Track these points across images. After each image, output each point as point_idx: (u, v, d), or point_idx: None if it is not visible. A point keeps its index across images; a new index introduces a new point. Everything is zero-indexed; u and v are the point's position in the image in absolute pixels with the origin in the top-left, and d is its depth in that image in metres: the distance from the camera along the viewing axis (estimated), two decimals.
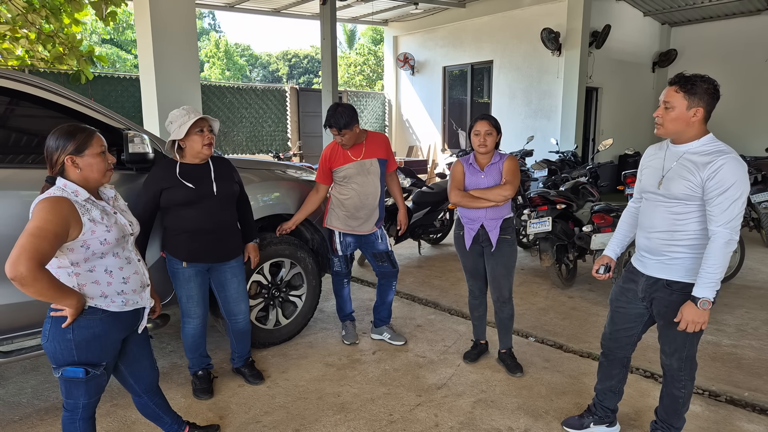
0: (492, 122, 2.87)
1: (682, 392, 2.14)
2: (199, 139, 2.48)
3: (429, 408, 2.67)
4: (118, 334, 1.83)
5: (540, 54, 9.59)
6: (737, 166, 1.80)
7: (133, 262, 1.86)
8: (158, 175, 2.52)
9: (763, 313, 3.99)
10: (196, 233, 2.55)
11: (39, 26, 5.44)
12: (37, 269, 1.53)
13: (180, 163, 2.53)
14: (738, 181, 1.80)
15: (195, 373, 2.82)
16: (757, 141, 9.40)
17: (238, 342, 2.90)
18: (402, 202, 3.54)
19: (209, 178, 2.56)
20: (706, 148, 1.89)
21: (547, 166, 6.77)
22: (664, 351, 2.13)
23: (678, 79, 1.89)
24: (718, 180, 1.81)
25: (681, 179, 1.90)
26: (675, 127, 1.90)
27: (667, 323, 2.06)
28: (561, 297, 4.40)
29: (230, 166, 2.72)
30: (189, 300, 2.65)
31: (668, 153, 2.00)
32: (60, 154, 1.71)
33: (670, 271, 2.00)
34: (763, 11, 9.72)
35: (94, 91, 9.20)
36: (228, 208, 2.64)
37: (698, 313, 1.88)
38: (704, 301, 1.87)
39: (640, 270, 2.13)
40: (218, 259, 2.64)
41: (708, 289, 1.86)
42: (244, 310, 2.80)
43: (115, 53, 24.13)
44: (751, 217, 5.93)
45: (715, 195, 1.82)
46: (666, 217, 1.97)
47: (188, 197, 2.50)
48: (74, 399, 1.80)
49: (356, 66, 22.01)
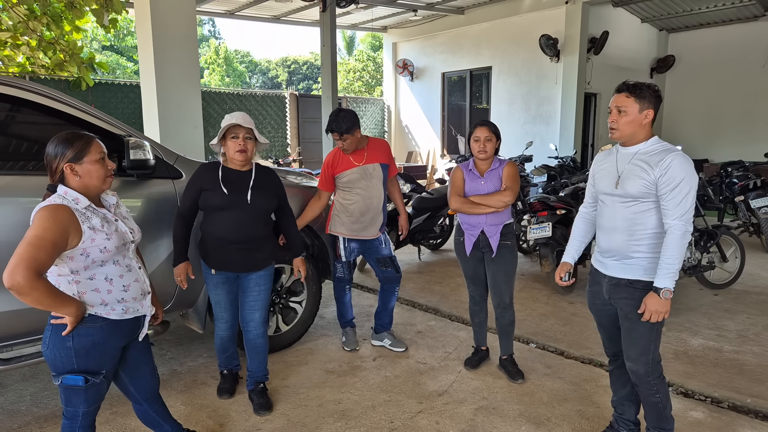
0: (491, 128, 2.88)
1: (658, 396, 2.14)
2: (233, 145, 2.48)
3: (430, 415, 2.66)
4: (118, 342, 1.82)
5: (538, 60, 9.63)
6: (685, 162, 1.95)
7: (133, 270, 1.85)
8: (200, 175, 2.57)
9: (764, 318, 3.98)
10: (224, 241, 2.54)
11: (40, 33, 5.46)
12: (34, 278, 1.52)
13: (223, 166, 2.57)
14: (687, 175, 1.93)
15: (221, 372, 2.90)
16: (755, 146, 9.42)
17: (250, 357, 2.74)
18: (403, 207, 3.56)
19: (247, 186, 2.54)
20: (655, 147, 2.03)
21: (547, 172, 6.78)
22: (630, 356, 2.13)
23: (626, 86, 2.04)
24: (669, 176, 1.93)
25: (636, 178, 2.01)
26: (629, 129, 2.03)
27: (632, 323, 2.09)
28: (561, 303, 4.39)
29: (275, 179, 2.68)
30: (217, 305, 2.71)
31: (619, 156, 2.12)
32: (59, 162, 1.70)
33: (631, 270, 2.07)
34: (760, 17, 9.78)
35: (95, 97, 9.22)
36: (260, 220, 2.59)
37: (661, 303, 1.96)
38: (666, 291, 1.95)
39: (602, 271, 2.19)
40: (245, 270, 2.62)
41: (668, 279, 1.95)
42: (257, 319, 2.69)
43: (115, 60, 24.23)
44: (751, 222, 5.93)
45: (668, 190, 1.94)
46: (626, 217, 2.07)
47: (221, 202, 2.50)
48: (74, 407, 1.79)
49: (355, 72, 22.10)
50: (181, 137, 5.13)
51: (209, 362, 3.28)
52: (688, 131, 10.83)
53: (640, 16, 10.29)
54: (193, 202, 2.56)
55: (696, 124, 10.90)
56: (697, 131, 10.81)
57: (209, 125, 10.48)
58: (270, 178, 2.66)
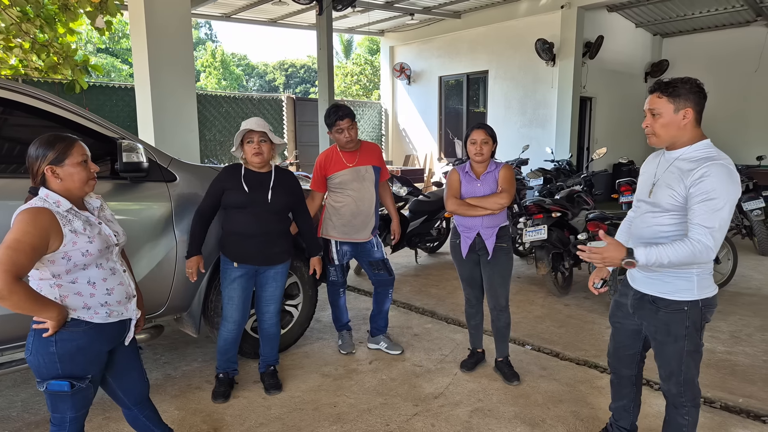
0: (488, 131, 2.89)
1: (686, 419, 1.98)
2: (249, 149, 2.67)
3: (426, 418, 2.65)
4: (103, 346, 1.79)
5: (535, 64, 9.67)
6: (725, 174, 1.67)
7: (117, 273, 1.82)
8: (223, 176, 2.73)
9: (756, 319, 4.00)
10: (244, 236, 2.70)
11: (33, 36, 5.44)
12: (12, 282, 1.50)
13: (245, 168, 2.73)
14: (725, 189, 1.66)
15: (217, 375, 2.91)
16: (748, 149, 9.48)
17: (263, 343, 2.98)
18: (395, 212, 3.56)
19: (267, 186, 2.71)
20: (697, 154, 1.77)
21: (543, 175, 6.80)
22: (661, 375, 2.01)
23: (658, 86, 1.81)
24: (701, 187, 1.68)
25: (666, 188, 1.80)
26: (667, 133, 1.80)
27: (658, 344, 1.96)
28: (557, 305, 4.40)
29: (293, 180, 2.87)
30: (229, 301, 2.77)
31: (662, 159, 1.90)
32: (40, 163, 1.68)
33: (653, 285, 1.90)
34: (752, 22, 9.86)
35: (89, 100, 9.18)
36: (279, 217, 2.78)
37: (615, 254, 1.73)
38: (632, 259, 1.72)
39: (630, 283, 2.04)
40: (265, 262, 2.78)
41: (644, 256, 1.71)
42: (272, 311, 2.91)
43: (110, 63, 24.17)
44: (743, 225, 5.97)
45: (697, 201, 1.69)
46: (652, 228, 1.87)
47: (242, 201, 2.67)
48: (61, 413, 1.75)
49: (353, 76, 22.12)
50: (177, 140, 5.12)
51: (204, 366, 3.26)
52: None
53: (635, 21, 10.36)
54: (213, 200, 2.72)
55: None
56: None
57: (205, 128, 10.46)
58: (289, 180, 2.84)
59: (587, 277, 4.97)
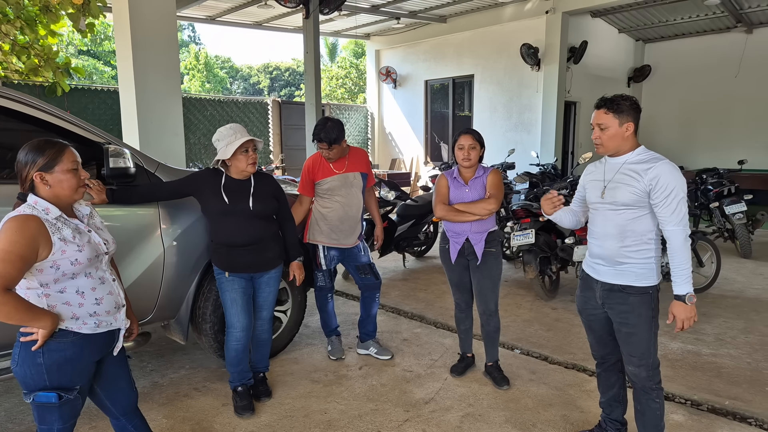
0: (475, 136, 2.90)
1: (657, 402, 2.15)
2: (245, 159, 2.58)
3: (417, 423, 2.64)
4: (91, 357, 1.75)
5: (520, 69, 9.77)
6: (673, 170, 2.00)
7: (107, 282, 1.78)
8: (206, 177, 2.65)
9: (740, 322, 4.08)
10: (233, 246, 2.65)
11: (13, 37, 5.32)
12: (1, 293, 1.47)
13: (225, 175, 2.64)
14: (677, 182, 1.98)
15: (235, 388, 2.81)
16: (729, 154, 9.68)
17: (255, 349, 2.94)
18: (379, 218, 3.59)
19: (248, 194, 2.64)
20: (642, 157, 2.08)
21: (529, 179, 6.86)
22: (632, 361, 2.15)
23: (603, 102, 2.08)
24: (660, 185, 1.98)
25: (625, 186, 2.06)
26: (613, 143, 2.08)
27: (630, 328, 2.11)
28: (545, 309, 4.43)
29: (274, 185, 2.80)
30: (233, 304, 2.69)
31: (607, 166, 2.17)
32: (29, 170, 1.63)
33: (623, 276, 2.11)
34: (732, 29, 10.10)
35: (71, 103, 9.01)
36: (263, 222, 2.71)
37: (687, 309, 2.01)
38: (689, 296, 2.00)
39: (594, 277, 2.22)
40: (257, 269, 2.73)
41: (687, 284, 2.01)
42: (264, 316, 2.88)
43: (92, 65, 23.76)
44: (726, 228, 6.08)
45: (662, 199, 1.99)
46: (618, 224, 2.11)
47: (224, 209, 2.60)
48: (48, 425, 1.71)
49: (338, 79, 22.08)
50: (162, 144, 5.05)
51: (191, 374, 3.21)
52: (664, 139, 11.08)
53: (618, 26, 10.54)
54: (181, 187, 2.66)
55: (671, 132, 11.16)
56: (672, 139, 11.07)
57: (189, 132, 10.34)
58: (269, 185, 2.77)
59: (574, 280, 5.03)
